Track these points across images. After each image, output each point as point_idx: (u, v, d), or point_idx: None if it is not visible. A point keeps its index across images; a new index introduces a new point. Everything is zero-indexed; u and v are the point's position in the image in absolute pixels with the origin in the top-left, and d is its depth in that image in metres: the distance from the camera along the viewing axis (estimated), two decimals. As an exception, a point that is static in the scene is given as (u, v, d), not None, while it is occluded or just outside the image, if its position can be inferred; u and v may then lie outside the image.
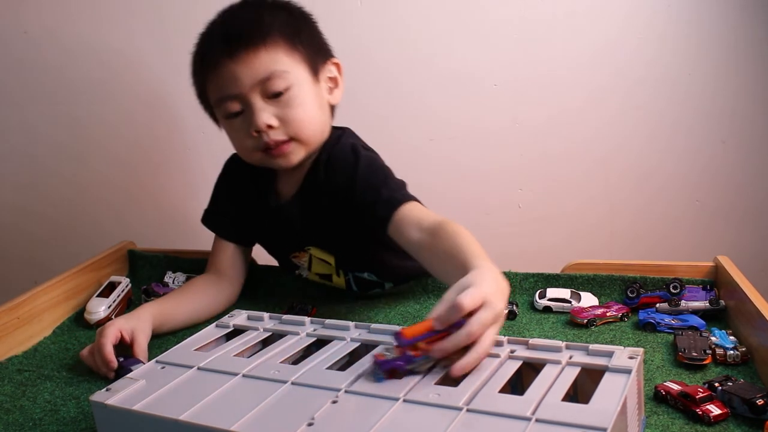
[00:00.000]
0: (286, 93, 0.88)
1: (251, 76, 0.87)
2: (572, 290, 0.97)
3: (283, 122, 0.89)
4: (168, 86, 1.42)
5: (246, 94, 0.88)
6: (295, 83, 0.89)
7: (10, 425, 0.71)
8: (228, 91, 0.89)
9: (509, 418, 0.51)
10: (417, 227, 0.83)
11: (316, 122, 0.92)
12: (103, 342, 0.81)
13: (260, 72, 0.87)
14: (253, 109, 0.88)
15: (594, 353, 0.60)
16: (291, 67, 0.89)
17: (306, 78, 0.91)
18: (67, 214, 1.54)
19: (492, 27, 1.32)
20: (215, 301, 0.99)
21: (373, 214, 0.88)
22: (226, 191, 1.05)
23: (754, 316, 0.77)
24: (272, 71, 0.87)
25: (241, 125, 0.91)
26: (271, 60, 0.87)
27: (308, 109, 0.90)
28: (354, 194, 0.91)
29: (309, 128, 0.91)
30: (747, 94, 1.29)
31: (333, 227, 0.97)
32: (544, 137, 1.36)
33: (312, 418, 0.53)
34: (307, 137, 0.91)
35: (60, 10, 1.41)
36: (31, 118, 1.49)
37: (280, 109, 0.89)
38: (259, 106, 0.88)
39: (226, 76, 0.88)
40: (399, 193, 0.89)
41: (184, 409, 0.56)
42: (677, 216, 1.38)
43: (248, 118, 0.89)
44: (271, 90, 0.88)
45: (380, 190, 0.89)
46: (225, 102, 0.90)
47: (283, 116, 0.89)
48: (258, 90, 0.88)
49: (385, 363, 0.60)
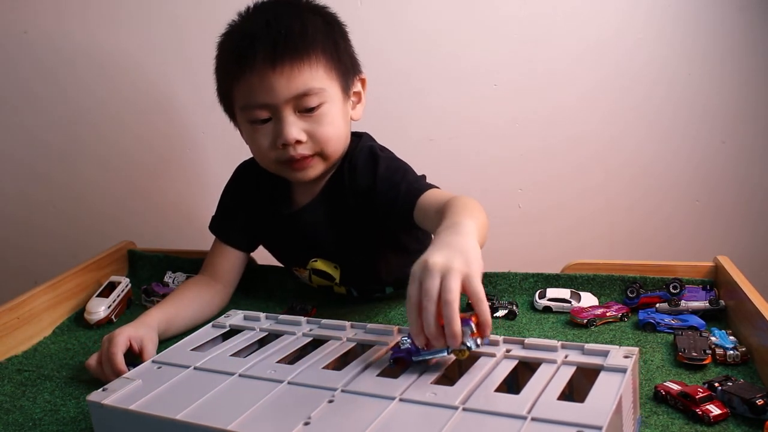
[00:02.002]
0: (318, 109, 0.88)
1: (289, 90, 0.86)
2: (572, 290, 0.96)
3: (311, 137, 0.89)
4: (169, 86, 1.42)
5: (279, 106, 0.87)
6: (328, 100, 0.88)
7: (10, 425, 0.72)
8: (261, 99, 0.87)
9: (505, 417, 0.51)
10: (436, 209, 0.82)
11: (342, 139, 0.93)
12: (114, 351, 0.79)
13: (299, 87, 0.86)
14: (284, 122, 0.87)
15: (589, 352, 0.60)
16: (327, 84, 0.88)
17: (338, 95, 0.90)
18: (67, 214, 1.54)
19: (492, 27, 1.32)
20: (211, 304, 0.99)
21: (397, 209, 0.88)
22: (236, 198, 1.05)
23: (754, 316, 0.77)
24: (310, 87, 0.86)
25: (266, 133, 0.89)
26: (312, 76, 0.86)
27: (336, 127, 0.90)
28: (376, 194, 0.91)
29: (335, 145, 0.91)
30: (747, 94, 1.29)
31: (351, 229, 0.96)
32: (544, 137, 1.36)
33: (308, 418, 0.53)
34: (330, 153, 0.91)
35: (62, 11, 1.41)
36: (31, 118, 1.50)
37: (309, 124, 0.88)
38: (290, 120, 0.87)
39: (263, 84, 0.85)
40: (418, 184, 0.90)
41: (181, 409, 0.57)
42: (677, 216, 1.38)
43: (276, 129, 0.88)
44: (304, 105, 0.87)
45: (400, 185, 0.89)
46: (254, 109, 0.88)
47: (312, 132, 0.89)
48: (292, 104, 0.87)
49: (396, 351, 0.62)
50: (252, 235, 1.04)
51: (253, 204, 1.02)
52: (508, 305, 0.92)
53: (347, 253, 0.98)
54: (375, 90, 1.39)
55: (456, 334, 0.58)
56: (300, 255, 1.01)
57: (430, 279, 0.60)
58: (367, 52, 1.35)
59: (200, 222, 1.08)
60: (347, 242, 0.97)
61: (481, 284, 0.61)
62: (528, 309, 0.95)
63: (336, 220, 0.97)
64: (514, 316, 0.92)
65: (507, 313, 0.92)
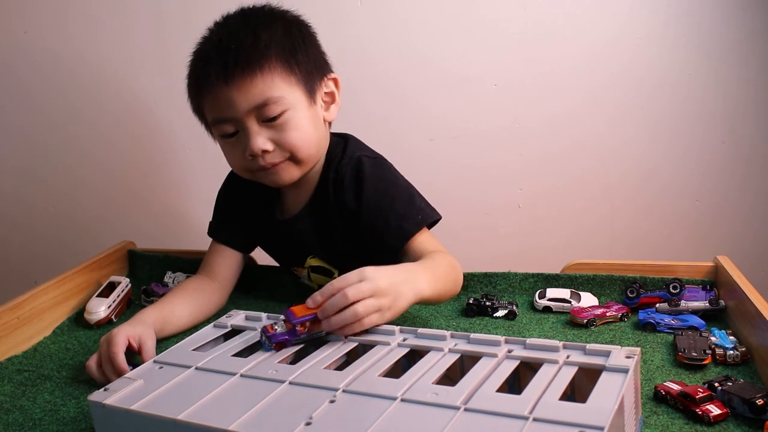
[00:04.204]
0: (281, 117, 0.88)
1: (246, 102, 0.87)
2: (572, 290, 0.96)
3: (278, 145, 0.90)
4: (168, 86, 1.42)
5: (241, 119, 0.88)
6: (291, 107, 0.89)
7: (10, 425, 0.71)
8: (223, 114, 0.89)
9: (507, 417, 0.51)
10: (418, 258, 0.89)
11: (312, 143, 0.92)
12: (115, 351, 0.79)
13: (256, 98, 0.86)
14: (248, 134, 0.88)
15: (591, 353, 0.60)
16: (287, 91, 0.88)
17: (301, 100, 0.90)
18: (67, 214, 1.54)
19: (492, 27, 1.32)
20: (208, 303, 0.99)
21: (384, 244, 0.91)
22: (229, 203, 1.06)
23: (754, 316, 0.77)
24: (268, 97, 0.87)
25: (236, 145, 0.91)
26: (267, 86, 0.87)
27: (303, 132, 0.90)
28: (362, 219, 0.93)
29: (304, 150, 0.91)
30: (747, 94, 1.29)
31: (341, 243, 0.97)
32: (544, 137, 1.36)
33: (310, 418, 0.53)
34: (303, 158, 0.92)
35: (62, 11, 1.41)
36: (31, 118, 1.49)
37: (274, 132, 0.89)
38: (254, 130, 0.88)
39: (221, 100, 0.87)
40: (409, 222, 0.91)
41: (182, 409, 0.56)
42: (677, 216, 1.38)
43: (243, 141, 0.90)
44: (266, 115, 0.88)
45: (389, 217, 0.91)
46: (220, 123, 0.90)
47: (278, 140, 0.89)
48: (253, 115, 0.88)
49: (274, 336, 0.69)
50: (248, 236, 1.05)
51: (247, 208, 1.03)
52: (508, 305, 0.92)
53: (340, 260, 0.99)
54: (375, 90, 1.39)
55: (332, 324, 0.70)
56: (295, 257, 1.02)
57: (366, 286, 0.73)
58: (367, 52, 1.35)
59: (200, 222, 1.09)
60: (339, 252, 0.98)
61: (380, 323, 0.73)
62: (528, 309, 0.95)
63: (324, 232, 0.98)
64: (514, 316, 0.92)
65: (507, 313, 0.92)
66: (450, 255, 0.91)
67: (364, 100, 1.35)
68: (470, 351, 0.64)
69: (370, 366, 0.62)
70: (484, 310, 0.93)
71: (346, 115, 1.01)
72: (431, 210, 0.95)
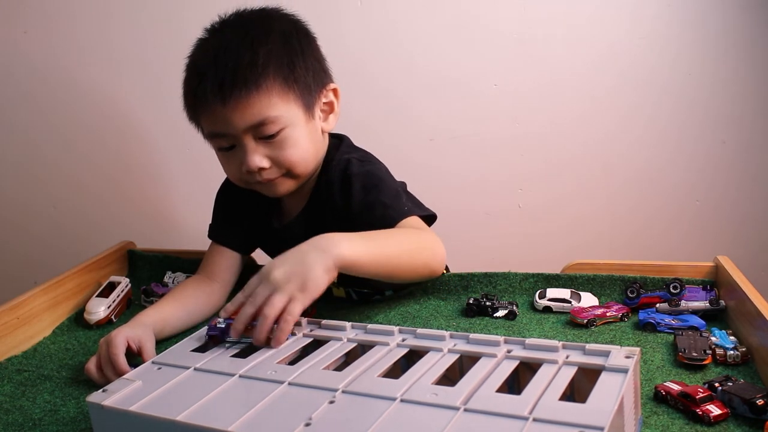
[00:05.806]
0: (279, 135, 0.88)
1: (243, 121, 0.86)
2: (572, 290, 0.96)
3: (275, 163, 0.90)
4: (168, 86, 1.41)
5: (238, 136, 0.88)
6: (288, 124, 0.89)
7: (10, 425, 0.71)
8: (219, 130, 0.89)
9: (506, 417, 0.51)
10: None
11: (309, 158, 0.93)
12: (116, 353, 0.78)
13: (253, 118, 0.86)
14: (245, 151, 0.88)
15: (591, 353, 0.60)
16: (284, 110, 0.88)
17: (299, 116, 0.90)
18: (67, 214, 1.54)
19: (492, 28, 1.32)
20: (207, 303, 0.99)
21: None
22: (229, 204, 1.06)
23: (754, 316, 0.77)
24: (265, 117, 0.86)
25: (233, 158, 0.91)
26: (264, 106, 0.86)
27: (300, 148, 0.91)
28: (352, 212, 0.92)
29: (301, 166, 0.92)
30: (747, 94, 1.29)
31: None
32: (544, 137, 1.36)
33: (309, 419, 0.53)
34: (299, 173, 0.92)
35: (62, 11, 1.41)
36: (31, 118, 1.49)
37: (271, 150, 0.89)
38: (250, 147, 0.88)
39: (218, 117, 0.87)
40: (393, 211, 0.90)
41: (181, 410, 0.56)
42: (677, 216, 1.38)
43: (240, 156, 0.90)
44: (263, 133, 0.88)
45: (375, 208, 0.90)
46: (217, 138, 0.90)
47: (275, 157, 0.89)
48: (250, 133, 0.88)
49: (211, 329, 0.72)
50: (247, 238, 1.05)
51: (245, 213, 1.04)
52: (508, 305, 0.92)
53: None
54: (375, 89, 1.39)
55: (259, 341, 0.68)
56: None
57: (261, 288, 0.72)
58: (367, 52, 1.35)
59: (200, 222, 1.09)
60: None
61: (301, 309, 0.71)
62: (528, 309, 0.95)
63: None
64: (514, 316, 0.92)
65: (507, 313, 0.92)
66: (436, 239, 0.89)
67: (364, 100, 1.35)
68: (469, 351, 0.63)
69: (370, 366, 0.62)
70: (484, 310, 0.93)
71: (346, 115, 1.01)
72: (421, 208, 0.95)
